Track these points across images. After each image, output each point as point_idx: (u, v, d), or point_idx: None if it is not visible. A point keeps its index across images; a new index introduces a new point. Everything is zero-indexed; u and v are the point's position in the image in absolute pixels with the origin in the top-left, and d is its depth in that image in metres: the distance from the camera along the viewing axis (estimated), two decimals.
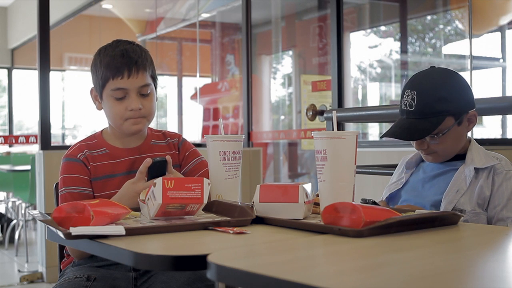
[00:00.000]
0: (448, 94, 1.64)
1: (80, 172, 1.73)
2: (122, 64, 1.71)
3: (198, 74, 7.42)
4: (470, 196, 1.63)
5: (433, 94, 1.64)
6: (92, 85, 1.81)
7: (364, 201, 1.50)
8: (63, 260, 1.83)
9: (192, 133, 8.12)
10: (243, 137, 1.67)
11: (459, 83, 1.67)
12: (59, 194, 1.74)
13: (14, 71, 9.69)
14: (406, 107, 1.68)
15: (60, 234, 1.22)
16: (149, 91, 1.76)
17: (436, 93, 1.64)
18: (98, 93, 1.78)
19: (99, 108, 1.81)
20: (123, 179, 1.71)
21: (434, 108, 1.63)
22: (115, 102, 1.73)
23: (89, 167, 1.75)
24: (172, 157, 1.76)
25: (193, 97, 8.06)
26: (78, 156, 1.75)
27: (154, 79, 1.80)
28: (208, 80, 8.23)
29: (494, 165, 1.64)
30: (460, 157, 1.72)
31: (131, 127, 1.76)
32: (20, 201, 5.46)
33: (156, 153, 1.79)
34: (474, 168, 1.65)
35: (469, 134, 1.77)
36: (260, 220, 1.38)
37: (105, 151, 1.79)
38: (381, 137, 1.84)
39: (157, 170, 1.62)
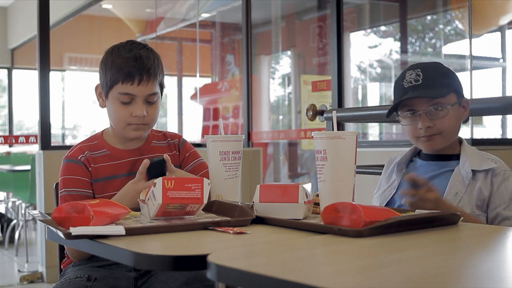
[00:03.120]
0: (450, 72, 1.69)
1: (81, 174, 1.73)
2: (134, 70, 1.69)
3: (198, 74, 7.42)
4: (469, 198, 1.62)
5: (437, 70, 1.67)
6: (98, 82, 1.80)
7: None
8: (64, 260, 1.82)
9: (192, 133, 8.12)
10: (243, 137, 1.67)
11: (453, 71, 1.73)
12: (59, 196, 1.73)
13: (14, 71, 9.69)
14: (412, 83, 1.66)
15: (60, 234, 1.22)
16: (155, 99, 1.75)
17: (440, 69, 1.68)
18: (104, 92, 1.77)
19: (102, 105, 1.80)
20: (124, 180, 1.71)
21: (441, 80, 1.65)
22: (120, 106, 1.72)
23: (90, 169, 1.74)
24: (172, 157, 1.76)
25: (193, 97, 8.05)
26: (79, 158, 1.75)
27: (162, 86, 1.79)
28: (208, 80, 8.23)
29: (492, 167, 1.64)
30: (453, 157, 1.71)
31: (132, 133, 1.75)
32: (20, 201, 5.46)
33: (157, 154, 1.79)
34: (473, 170, 1.64)
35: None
36: (260, 220, 1.38)
37: (106, 152, 1.78)
38: (389, 112, 1.72)
39: (156, 170, 1.62)
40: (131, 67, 1.69)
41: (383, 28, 6.69)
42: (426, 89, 1.64)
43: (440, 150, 1.72)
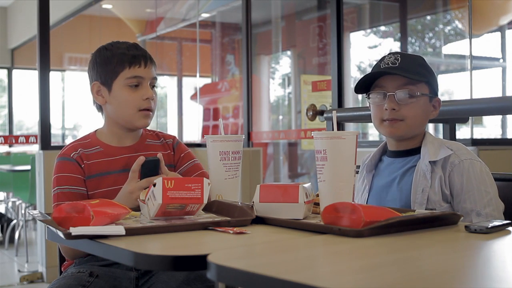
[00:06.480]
0: (427, 66, 1.70)
1: (73, 171, 1.73)
2: (138, 53, 1.76)
3: (198, 74, 7.42)
4: (434, 192, 1.60)
5: (416, 60, 1.69)
6: (93, 82, 1.80)
7: None
8: (64, 263, 1.82)
9: (192, 133, 8.12)
10: (243, 137, 1.67)
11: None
12: (52, 194, 1.73)
13: (14, 71, 9.69)
14: (388, 65, 1.67)
15: (60, 234, 1.22)
16: (155, 85, 1.81)
17: (419, 61, 1.70)
18: (106, 86, 1.77)
19: (103, 102, 1.80)
20: (118, 177, 1.71)
21: (416, 69, 1.67)
22: (130, 90, 1.75)
23: (82, 166, 1.74)
24: (167, 157, 1.76)
25: (193, 97, 8.06)
26: (71, 155, 1.75)
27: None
28: (208, 80, 8.23)
29: (450, 156, 1.60)
30: (417, 151, 1.68)
31: (141, 120, 1.77)
32: (20, 201, 5.46)
33: (151, 152, 1.79)
34: (430, 161, 1.62)
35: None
36: (260, 220, 1.38)
37: (99, 149, 1.78)
38: (356, 87, 1.72)
39: (149, 169, 1.61)
40: (135, 52, 1.76)
41: (383, 28, 6.70)
42: (400, 71, 1.65)
43: (404, 144, 1.70)
